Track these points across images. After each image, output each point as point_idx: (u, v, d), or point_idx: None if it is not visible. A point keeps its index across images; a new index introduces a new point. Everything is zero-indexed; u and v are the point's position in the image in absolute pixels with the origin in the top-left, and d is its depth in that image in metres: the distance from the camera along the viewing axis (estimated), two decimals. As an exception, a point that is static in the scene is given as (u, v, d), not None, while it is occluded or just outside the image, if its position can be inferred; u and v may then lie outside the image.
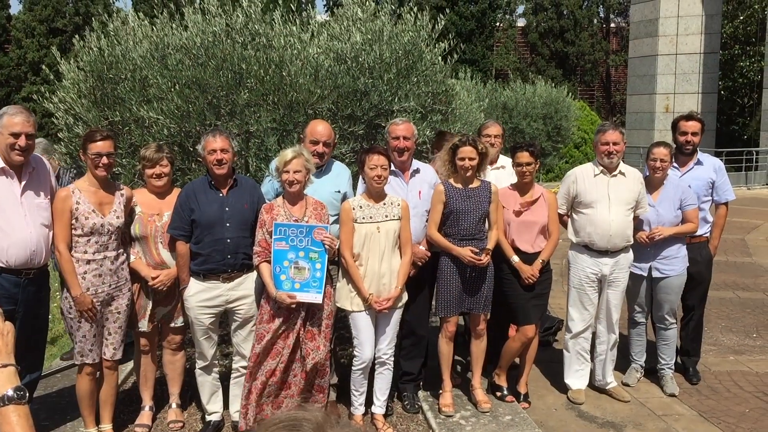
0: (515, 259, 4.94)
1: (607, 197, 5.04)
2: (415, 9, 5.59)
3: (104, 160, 4.19)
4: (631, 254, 5.20)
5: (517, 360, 5.30)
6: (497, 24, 26.52)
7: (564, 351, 5.37)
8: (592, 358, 5.40)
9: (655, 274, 5.29)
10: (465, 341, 5.63)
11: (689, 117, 5.60)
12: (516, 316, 5.12)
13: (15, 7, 26.16)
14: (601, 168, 5.12)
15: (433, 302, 5.23)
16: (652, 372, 5.61)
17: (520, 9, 28.09)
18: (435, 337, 5.12)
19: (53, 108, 5.48)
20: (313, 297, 4.32)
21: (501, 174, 5.47)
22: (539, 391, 5.43)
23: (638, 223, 5.23)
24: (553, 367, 5.73)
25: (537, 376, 5.68)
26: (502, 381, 5.25)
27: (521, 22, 27.88)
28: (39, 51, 24.08)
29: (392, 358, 4.74)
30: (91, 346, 4.27)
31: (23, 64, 24.47)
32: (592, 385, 5.42)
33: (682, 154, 5.54)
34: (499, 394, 5.20)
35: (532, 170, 4.95)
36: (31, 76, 24.35)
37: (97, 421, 4.47)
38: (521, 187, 5.03)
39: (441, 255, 4.89)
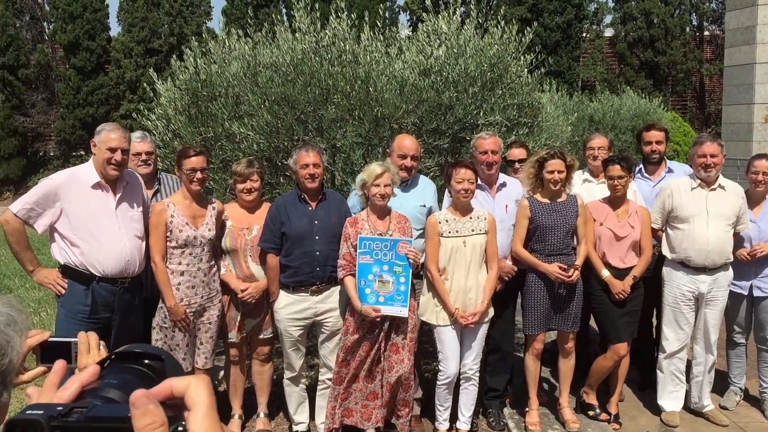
0: (606, 273, 4.80)
1: (705, 212, 4.83)
2: (503, 23, 5.55)
3: (198, 174, 4.34)
4: (730, 272, 4.96)
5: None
6: (584, 35, 25.99)
7: (658, 371, 5.16)
8: (688, 380, 5.17)
9: (757, 293, 5.03)
10: (552, 358, 5.50)
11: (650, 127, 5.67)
12: (606, 334, 4.96)
13: (114, 30, 27.60)
14: (699, 181, 4.92)
15: (519, 318, 5.14)
16: (752, 396, 5.32)
17: (608, 19, 27.45)
18: (521, 353, 5.02)
19: (151, 125, 5.73)
20: (398, 310, 4.33)
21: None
22: (630, 412, 5.23)
23: (738, 240, 4.99)
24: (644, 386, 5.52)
25: (628, 395, 5.48)
26: (592, 399, 5.09)
27: (609, 32, 27.22)
28: (136, 70, 25.26)
29: (477, 374, 4.69)
30: (184, 355, 4.41)
31: (122, 83, 25.72)
32: (687, 407, 5.18)
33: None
34: (591, 413, 5.04)
35: (625, 184, 4.80)
36: (129, 95, 25.56)
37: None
38: (613, 201, 4.88)
39: (527, 271, 4.80)
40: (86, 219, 4.10)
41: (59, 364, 1.12)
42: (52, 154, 26.75)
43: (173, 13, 26.00)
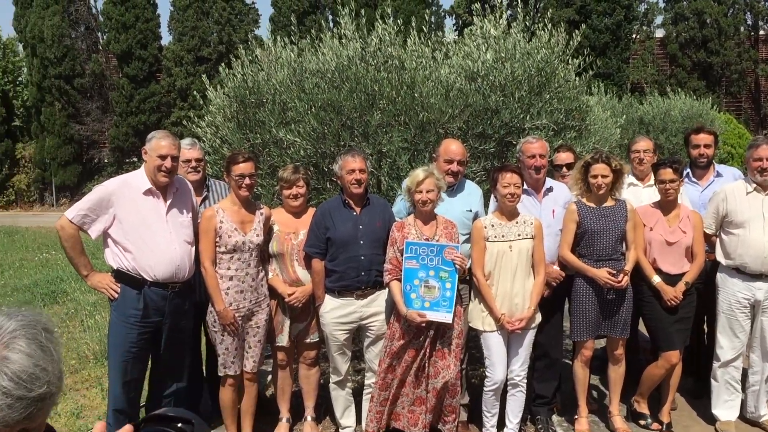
0: (656, 279, 4.70)
1: (761, 216, 4.69)
2: (550, 26, 5.49)
3: (246, 180, 4.40)
4: (788, 278, 4.80)
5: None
6: (633, 36, 25.56)
7: (712, 380, 5.02)
8: (744, 389, 5.02)
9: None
10: (601, 365, 5.41)
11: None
12: (658, 341, 4.86)
13: (165, 39, 28.21)
14: (754, 185, 4.78)
15: (567, 324, 5.08)
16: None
17: (659, 19, 26.92)
18: (568, 359, 4.95)
19: (201, 132, 5.84)
20: (443, 316, 4.31)
21: (655, 192, 5.25)
22: (684, 421, 5.11)
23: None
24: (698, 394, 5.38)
25: (681, 404, 5.35)
26: (643, 408, 4.99)
27: (659, 33, 26.70)
28: (186, 78, 25.79)
29: (525, 380, 4.64)
30: (233, 358, 4.47)
31: (172, 91, 26.29)
32: (743, 416, 5.03)
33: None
34: (642, 422, 4.94)
35: (677, 188, 4.70)
36: (180, 102, 26.11)
37: (239, 429, 4.67)
38: (665, 205, 4.78)
39: (575, 276, 4.74)
40: (138, 225, 4.19)
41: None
42: (106, 161, 27.50)
43: (222, 22, 26.47)
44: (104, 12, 26.61)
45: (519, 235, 4.47)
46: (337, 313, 4.52)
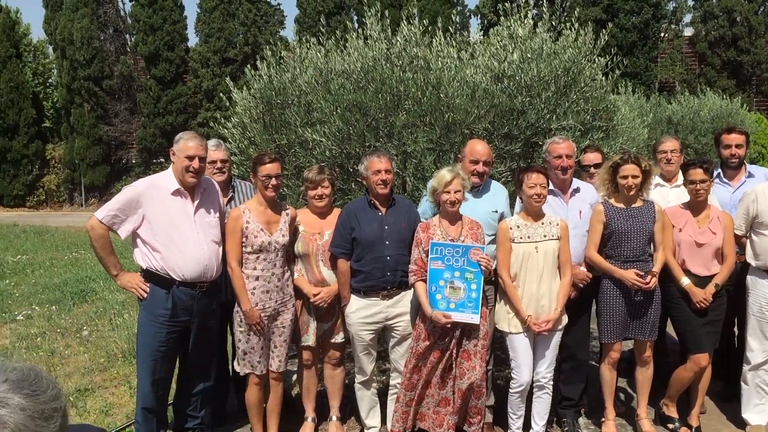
0: (686, 281, 4.64)
1: (792, 217, 4.61)
2: (576, 25, 5.45)
3: (273, 181, 4.42)
4: (820, 280, 4.71)
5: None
6: (662, 34, 25.26)
7: (742, 383, 4.95)
8: (775, 393, 4.93)
9: None
10: (629, 367, 5.35)
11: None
12: (687, 344, 4.80)
13: (192, 40, 28.48)
14: (786, 186, 4.70)
15: (594, 326, 5.03)
16: None
17: (687, 18, 26.57)
18: (595, 361, 4.91)
19: (227, 133, 5.89)
20: (469, 317, 4.30)
21: (682, 192, 5.19)
22: (713, 425, 5.04)
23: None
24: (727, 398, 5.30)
25: (710, 408, 5.28)
26: (672, 412, 4.93)
27: (688, 32, 26.35)
28: (213, 79, 26.01)
29: (551, 382, 4.61)
30: (259, 358, 4.50)
31: (199, 92, 26.53)
32: (774, 422, 4.95)
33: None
34: (671, 426, 4.89)
35: (707, 188, 4.63)
36: (206, 103, 26.33)
37: (265, 429, 4.70)
38: (694, 206, 4.72)
39: (602, 278, 4.70)
40: (166, 225, 4.24)
41: None
42: (133, 161, 27.83)
43: (248, 23, 26.66)
44: (132, 14, 26.94)
45: (545, 236, 4.44)
46: (362, 313, 4.53)
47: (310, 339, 4.69)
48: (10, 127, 27.15)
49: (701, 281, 4.64)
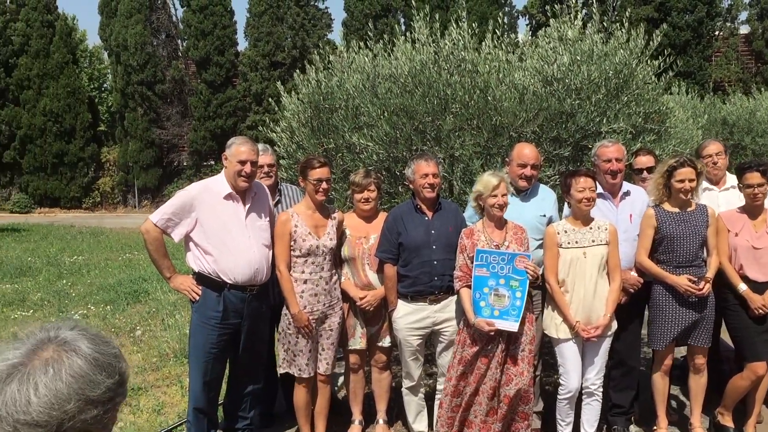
0: (743, 287, 4.52)
1: None
2: (627, 25, 5.36)
3: (324, 185, 4.47)
4: None
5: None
6: (716, 33, 24.61)
7: (800, 393, 4.80)
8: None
9: None
10: (682, 375, 5.24)
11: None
12: (743, 352, 4.67)
13: (242, 44, 28.93)
14: None
15: (644, 331, 4.94)
16: None
17: (743, 15, 25.85)
18: (646, 368, 4.81)
19: (275, 137, 5.96)
20: (511, 325, 4.25)
21: (732, 196, 5.04)
22: (770, 437, 4.89)
23: None
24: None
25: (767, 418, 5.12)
26: (727, 421, 4.80)
27: (744, 29, 25.64)
28: (262, 83, 26.35)
29: (601, 389, 4.54)
30: (307, 360, 4.55)
31: (248, 95, 26.91)
32: (835, 434, 4.78)
33: None
34: (724, 436, 4.76)
35: (765, 192, 4.51)
36: (255, 106, 26.70)
37: (312, 430, 4.74)
38: (751, 210, 4.60)
39: (654, 283, 4.61)
40: (219, 228, 4.32)
41: None
42: (184, 164, 28.38)
43: (296, 27, 26.93)
44: (184, 20, 27.51)
45: (593, 241, 4.38)
46: (410, 318, 4.53)
47: (357, 342, 4.71)
48: (67, 130, 28.00)
49: (759, 287, 4.52)
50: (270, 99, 7.31)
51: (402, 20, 25.95)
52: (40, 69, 27.68)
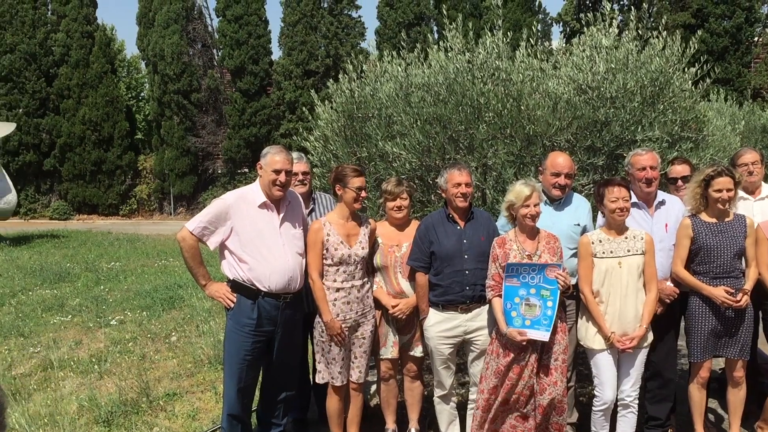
0: (782, 300, 4.43)
1: None
2: (664, 33, 5.29)
3: (363, 194, 4.50)
4: None
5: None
6: (755, 39, 24.19)
7: (843, 408, 4.67)
8: None
9: None
10: (720, 388, 5.14)
11: None
12: (782, 365, 4.58)
13: (276, 54, 29.21)
14: None
15: (682, 343, 4.86)
16: None
17: (783, 20, 25.36)
18: (683, 380, 4.74)
19: (309, 145, 6.02)
20: (542, 335, 4.22)
21: (767, 205, 4.95)
22: (812, 453, 4.77)
23: None
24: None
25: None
26: (766, 436, 4.70)
27: (784, 35, 25.15)
28: (295, 91, 26.61)
29: (636, 401, 4.48)
30: (340, 368, 4.57)
31: (282, 104, 27.19)
32: None
33: None
34: (763, 450, 4.66)
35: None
36: (288, 115, 26.95)
37: (344, 438, 4.76)
38: (790, 220, 4.51)
39: (690, 294, 4.54)
40: (254, 237, 4.37)
41: None
42: (219, 171, 28.75)
43: (329, 36, 27.15)
44: (219, 30, 27.92)
45: (629, 250, 4.33)
46: (441, 327, 4.53)
47: (388, 351, 4.72)
48: (105, 139, 28.59)
49: (799, 300, 4.43)
50: (303, 107, 7.39)
51: (435, 29, 25.98)
52: (80, 79, 28.33)
